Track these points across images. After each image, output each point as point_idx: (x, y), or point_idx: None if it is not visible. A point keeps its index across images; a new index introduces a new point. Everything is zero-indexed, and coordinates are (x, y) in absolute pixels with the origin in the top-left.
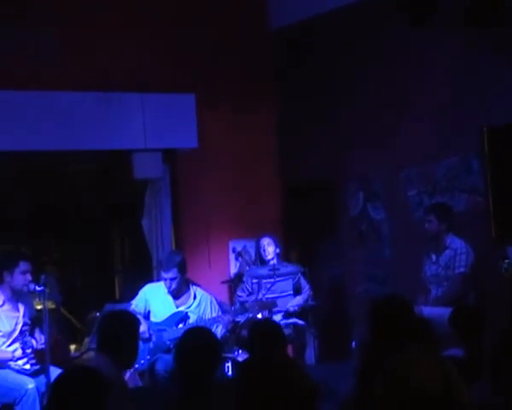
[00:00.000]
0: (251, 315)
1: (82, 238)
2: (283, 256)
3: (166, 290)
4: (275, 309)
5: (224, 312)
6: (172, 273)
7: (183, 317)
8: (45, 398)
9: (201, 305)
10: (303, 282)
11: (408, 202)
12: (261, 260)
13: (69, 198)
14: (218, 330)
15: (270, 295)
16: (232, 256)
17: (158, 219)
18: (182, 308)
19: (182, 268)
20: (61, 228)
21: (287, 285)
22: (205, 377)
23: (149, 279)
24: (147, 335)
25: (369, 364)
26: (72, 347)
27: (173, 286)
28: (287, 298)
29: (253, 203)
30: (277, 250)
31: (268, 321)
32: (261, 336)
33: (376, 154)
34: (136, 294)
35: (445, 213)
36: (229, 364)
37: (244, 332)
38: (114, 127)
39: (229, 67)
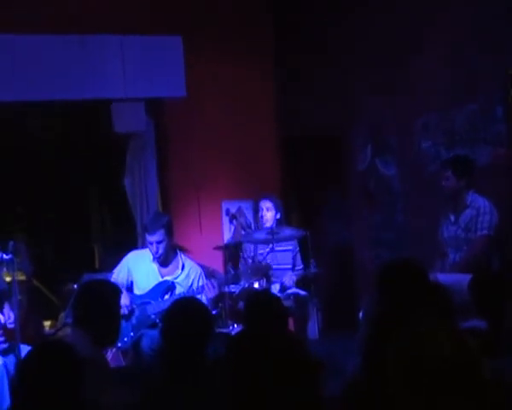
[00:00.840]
0: (246, 285)
1: (55, 202)
2: (283, 219)
3: (151, 258)
4: (272, 278)
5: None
6: (159, 236)
7: (169, 286)
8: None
9: (190, 277)
10: (298, 259)
11: (423, 155)
12: (260, 226)
13: (38, 157)
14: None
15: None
16: (226, 219)
17: (141, 178)
18: (168, 278)
19: (169, 230)
20: (30, 191)
21: (285, 257)
22: (195, 354)
23: (132, 246)
24: (128, 309)
25: (377, 337)
26: (46, 323)
27: (160, 251)
28: (284, 271)
29: (248, 159)
30: (278, 216)
31: (266, 291)
32: (257, 307)
33: (387, 101)
34: (118, 263)
35: (465, 167)
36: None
37: (240, 304)
38: (90, 74)
39: (222, 5)
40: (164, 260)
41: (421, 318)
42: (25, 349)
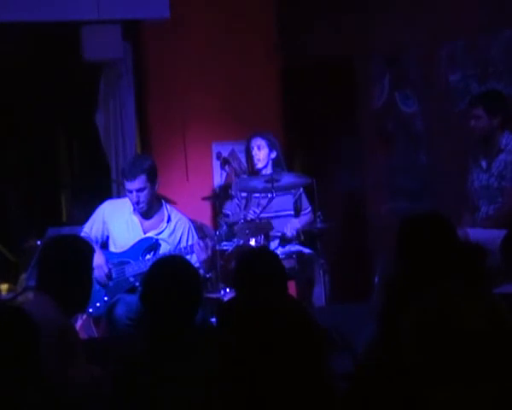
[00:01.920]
0: (241, 242)
1: (14, 142)
2: (284, 163)
3: (131, 209)
4: (271, 233)
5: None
6: (140, 182)
7: (153, 244)
8: None
9: (177, 232)
10: (304, 201)
11: (450, 89)
12: (252, 168)
13: None
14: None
15: (265, 215)
16: (216, 164)
17: (117, 114)
18: (151, 234)
19: (152, 176)
20: None
21: (286, 202)
22: (181, 324)
23: (107, 195)
24: (105, 269)
25: (395, 304)
26: (4, 286)
27: (142, 200)
28: (284, 219)
29: (242, 92)
30: (273, 155)
31: (261, 249)
32: (251, 269)
33: (408, 23)
34: (89, 215)
35: (499, 104)
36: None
37: (233, 264)
38: None
39: None
40: (146, 212)
41: (447, 282)
42: None
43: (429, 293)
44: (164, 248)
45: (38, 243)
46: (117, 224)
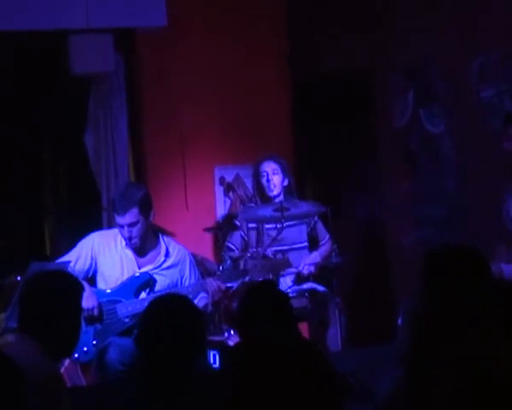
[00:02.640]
0: (246, 279)
1: None
2: (296, 191)
3: (124, 243)
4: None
5: (207, 275)
6: (131, 216)
7: (148, 281)
8: None
9: (177, 266)
10: (321, 229)
11: (482, 106)
12: (262, 195)
13: None
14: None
15: (277, 248)
16: (219, 190)
17: (108, 134)
18: (147, 269)
19: (145, 208)
20: None
21: (299, 234)
22: (181, 370)
23: (96, 226)
24: (97, 313)
25: (423, 348)
26: None
27: (134, 235)
28: (298, 253)
29: (248, 110)
30: (286, 182)
31: (267, 284)
32: (255, 307)
33: (434, 34)
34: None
35: None
36: (216, 351)
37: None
38: None
39: None
40: (141, 248)
41: (480, 323)
42: None
43: (462, 337)
44: (161, 285)
45: (19, 278)
46: (108, 258)
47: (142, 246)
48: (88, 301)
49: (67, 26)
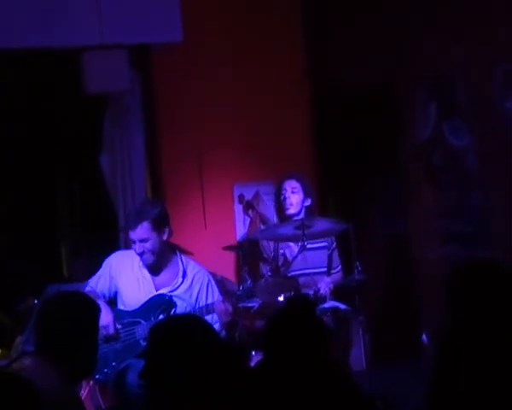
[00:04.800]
0: (267, 299)
1: (9, 186)
2: (315, 208)
3: (141, 263)
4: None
5: (225, 295)
6: (142, 231)
7: (167, 303)
8: None
9: (194, 288)
10: (335, 258)
11: (506, 117)
12: (281, 214)
13: None
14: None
15: (297, 273)
16: (239, 208)
17: (125, 154)
18: (164, 291)
19: (159, 224)
20: None
21: (320, 258)
22: (198, 395)
23: (113, 248)
24: (112, 330)
25: (451, 366)
26: None
27: (146, 250)
28: (319, 277)
29: (268, 126)
30: (307, 202)
31: (301, 300)
32: (289, 326)
33: (455, 45)
34: (94, 269)
35: None
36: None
37: (258, 324)
38: (52, 14)
39: None
40: (155, 266)
41: (508, 342)
42: None
43: (491, 352)
44: (180, 307)
45: (36, 301)
46: (125, 279)
47: (156, 264)
48: (103, 319)
49: (81, 43)
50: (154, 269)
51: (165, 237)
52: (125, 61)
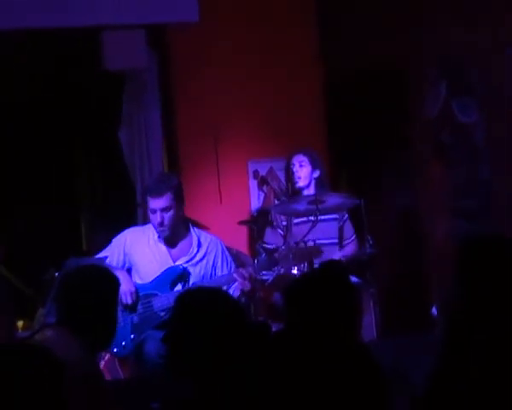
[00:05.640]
0: (282, 271)
1: (29, 162)
2: (328, 184)
3: (156, 236)
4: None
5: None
6: (166, 200)
7: (182, 274)
8: None
9: (209, 256)
10: (348, 228)
11: None
12: (293, 187)
13: (7, 103)
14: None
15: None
16: (253, 184)
17: (142, 130)
18: (181, 261)
19: (179, 197)
20: None
21: (330, 229)
22: (217, 367)
23: (131, 222)
24: (134, 298)
25: (459, 337)
26: (20, 323)
27: (166, 222)
28: (328, 249)
29: (282, 104)
30: (315, 174)
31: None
32: (322, 290)
33: (466, 23)
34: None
35: None
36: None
37: (276, 296)
38: None
39: None
40: (171, 238)
41: None
42: None
43: (497, 325)
44: (195, 277)
45: (57, 274)
46: (141, 254)
47: (172, 237)
48: (124, 287)
49: (100, 22)
50: (170, 242)
51: (182, 211)
52: (143, 40)
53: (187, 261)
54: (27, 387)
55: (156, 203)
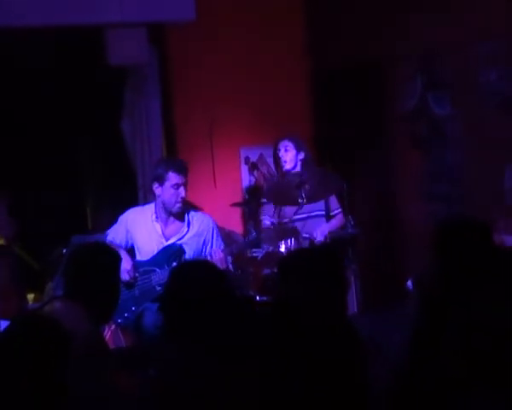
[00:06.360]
0: (270, 249)
1: (39, 149)
2: (313, 162)
3: (154, 217)
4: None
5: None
6: (186, 176)
7: (177, 251)
8: None
9: (201, 235)
10: (333, 201)
11: (484, 90)
12: (281, 170)
13: (19, 94)
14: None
15: (298, 217)
16: (245, 169)
17: (143, 119)
18: (173, 240)
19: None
20: (9, 135)
21: (317, 204)
22: (211, 333)
23: (133, 203)
24: (132, 275)
25: (432, 311)
26: (30, 296)
27: (184, 196)
28: (316, 220)
29: (271, 95)
30: (300, 156)
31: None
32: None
33: (441, 22)
34: (115, 222)
35: None
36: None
37: (266, 271)
38: None
39: None
40: (167, 219)
41: (484, 287)
42: (5, 326)
43: (467, 299)
44: (188, 254)
45: (64, 251)
46: (140, 232)
47: (168, 217)
48: (124, 265)
49: (104, 20)
50: (166, 221)
51: None
52: (144, 37)
53: (178, 239)
54: (37, 353)
55: (181, 178)
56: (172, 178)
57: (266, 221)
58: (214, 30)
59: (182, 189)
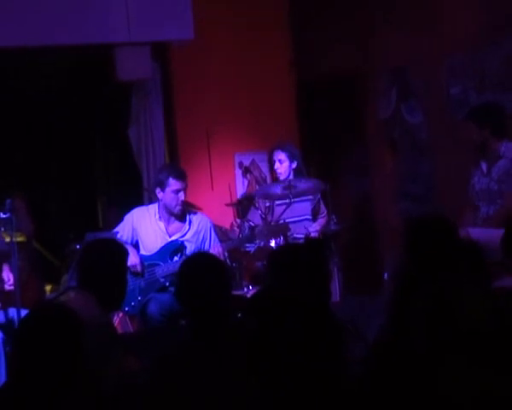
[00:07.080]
0: (262, 244)
1: (56, 154)
2: (304, 171)
3: (157, 216)
4: (290, 235)
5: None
6: (186, 182)
7: (179, 247)
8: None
9: (200, 232)
10: (321, 206)
11: (451, 100)
12: (275, 179)
13: (37, 106)
14: None
15: (286, 220)
16: (239, 173)
17: (148, 128)
18: (176, 237)
19: None
20: (29, 142)
21: (304, 208)
22: (218, 312)
23: (138, 203)
24: (139, 268)
25: (404, 298)
26: (48, 287)
27: (184, 199)
28: (303, 223)
29: (262, 106)
30: (293, 165)
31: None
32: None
33: (413, 39)
34: (121, 220)
35: (487, 116)
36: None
37: (258, 263)
38: (91, 17)
39: None
40: (169, 218)
41: (450, 277)
42: (25, 314)
43: (435, 288)
44: (189, 250)
45: (78, 246)
46: (145, 230)
47: (171, 216)
48: (132, 259)
49: (113, 40)
50: (168, 220)
51: None
52: (148, 54)
53: (180, 237)
54: (54, 338)
55: (181, 184)
56: (173, 184)
57: (257, 220)
58: (211, 48)
59: (181, 193)
